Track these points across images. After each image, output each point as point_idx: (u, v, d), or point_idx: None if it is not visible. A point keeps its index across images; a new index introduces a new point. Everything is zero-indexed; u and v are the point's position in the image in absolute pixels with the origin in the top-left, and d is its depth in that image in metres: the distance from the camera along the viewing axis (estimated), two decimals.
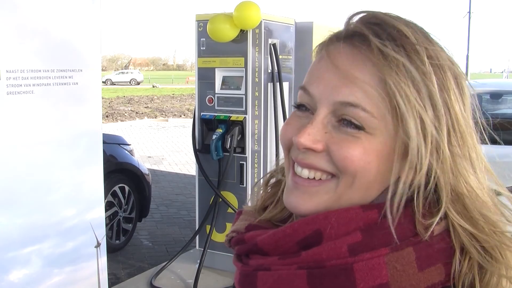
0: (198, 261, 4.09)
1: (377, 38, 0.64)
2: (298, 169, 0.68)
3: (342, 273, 0.61)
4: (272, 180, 0.83)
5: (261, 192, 0.82)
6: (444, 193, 0.64)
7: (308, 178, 0.67)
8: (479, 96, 6.06)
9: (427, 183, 0.64)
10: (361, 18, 0.68)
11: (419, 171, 0.63)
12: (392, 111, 0.63)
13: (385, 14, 0.67)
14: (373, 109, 0.63)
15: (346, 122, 0.65)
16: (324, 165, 0.66)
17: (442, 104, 0.63)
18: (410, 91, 0.62)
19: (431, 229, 0.63)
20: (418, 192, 0.64)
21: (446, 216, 0.65)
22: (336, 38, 0.69)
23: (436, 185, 0.65)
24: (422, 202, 0.64)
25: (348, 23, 0.69)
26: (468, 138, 0.65)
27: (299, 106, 0.70)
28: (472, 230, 0.64)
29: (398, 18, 0.67)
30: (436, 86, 0.63)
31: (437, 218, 0.63)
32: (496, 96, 6.38)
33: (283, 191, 0.77)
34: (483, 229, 0.64)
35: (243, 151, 4.07)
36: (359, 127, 0.64)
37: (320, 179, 0.67)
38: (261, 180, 0.84)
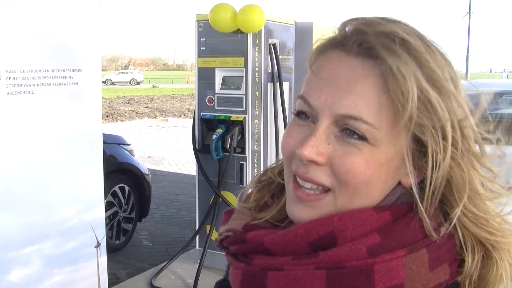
0: (198, 261, 4.09)
1: (378, 47, 0.63)
2: (301, 181, 0.68)
3: (362, 274, 0.62)
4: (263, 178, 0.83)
5: (252, 190, 0.82)
6: (457, 195, 0.64)
7: (310, 189, 0.68)
8: (479, 96, 6.06)
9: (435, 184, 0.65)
10: (357, 25, 0.66)
11: (436, 171, 0.63)
12: (395, 120, 0.63)
13: (383, 20, 0.65)
14: (374, 121, 0.63)
15: (349, 131, 0.64)
16: (324, 179, 0.66)
17: (447, 110, 0.63)
18: (418, 98, 0.62)
19: (442, 231, 0.65)
20: (426, 193, 0.65)
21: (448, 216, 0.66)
22: (333, 46, 0.68)
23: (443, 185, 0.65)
24: (429, 204, 0.65)
25: (343, 29, 0.67)
26: (472, 143, 0.65)
27: (299, 114, 0.70)
28: (476, 230, 0.65)
29: (396, 24, 0.65)
30: (440, 94, 0.63)
31: (453, 221, 0.65)
32: (496, 96, 6.38)
33: (279, 191, 0.78)
34: (488, 227, 0.65)
35: (243, 151, 4.07)
36: (362, 138, 0.64)
37: (320, 193, 0.67)
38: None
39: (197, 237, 4.45)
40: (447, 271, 0.65)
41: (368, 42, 0.64)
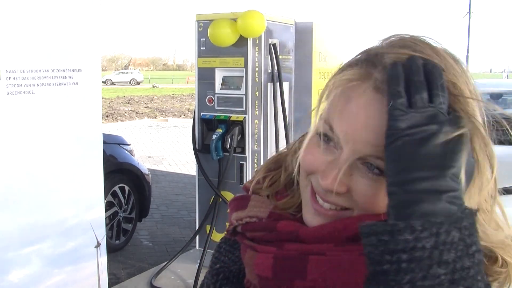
0: (198, 261, 4.09)
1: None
2: (320, 201, 0.71)
3: None
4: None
5: (259, 176, 0.83)
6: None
7: (329, 208, 0.70)
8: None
9: None
10: (387, 58, 0.65)
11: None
12: None
13: (423, 56, 0.64)
14: None
15: (370, 165, 0.66)
16: (344, 202, 0.69)
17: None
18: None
19: None
20: None
21: None
22: (366, 77, 0.66)
23: None
24: None
25: (380, 60, 0.66)
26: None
27: (320, 135, 0.70)
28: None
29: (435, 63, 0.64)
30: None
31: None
32: (496, 96, 6.39)
33: (292, 181, 0.79)
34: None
35: (243, 151, 4.07)
36: (382, 172, 0.65)
37: (338, 210, 0.70)
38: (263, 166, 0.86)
39: (197, 237, 4.45)
40: None
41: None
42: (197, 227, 4.41)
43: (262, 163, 4.26)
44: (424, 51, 0.65)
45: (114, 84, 47.19)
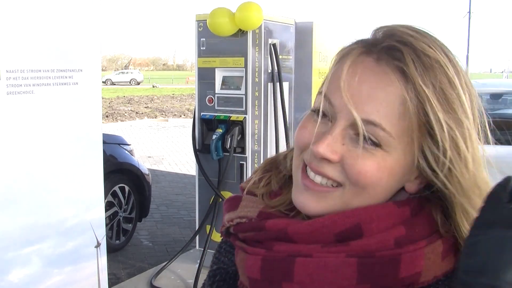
0: (198, 261, 4.09)
1: (407, 60, 0.66)
2: (311, 174, 0.70)
3: (391, 263, 0.66)
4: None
5: (255, 177, 0.83)
6: (464, 198, 0.68)
7: (320, 182, 0.70)
8: (479, 96, 6.06)
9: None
10: (389, 33, 0.69)
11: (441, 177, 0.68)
12: (410, 131, 0.66)
13: (414, 32, 0.68)
14: (392, 129, 0.66)
15: (364, 137, 0.67)
16: (336, 174, 0.69)
17: (457, 134, 0.66)
18: (442, 114, 0.65)
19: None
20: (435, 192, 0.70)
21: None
22: (363, 49, 0.70)
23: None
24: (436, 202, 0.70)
25: (375, 35, 0.70)
26: (476, 145, 0.69)
27: (317, 111, 0.71)
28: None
29: (427, 39, 0.68)
30: (463, 111, 0.67)
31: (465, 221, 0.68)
32: (496, 96, 6.39)
33: (287, 181, 0.79)
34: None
35: (243, 151, 4.07)
36: (376, 144, 0.67)
37: (328, 186, 0.70)
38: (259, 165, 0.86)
39: (197, 237, 4.45)
40: (453, 260, 0.69)
41: (397, 53, 0.67)
42: (197, 227, 4.41)
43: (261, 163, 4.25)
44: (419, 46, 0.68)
45: (114, 84, 47.19)
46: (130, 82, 48.64)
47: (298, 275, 0.67)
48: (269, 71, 4.09)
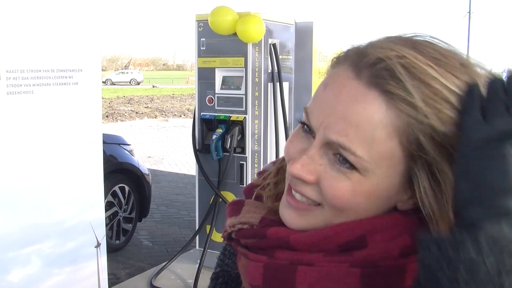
0: (198, 261, 4.09)
1: (388, 82, 0.60)
2: (293, 191, 0.69)
3: (395, 273, 0.64)
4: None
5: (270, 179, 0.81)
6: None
7: (300, 200, 0.68)
8: None
9: None
10: (376, 47, 0.63)
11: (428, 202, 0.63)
12: (391, 155, 0.62)
13: (405, 44, 0.63)
14: (364, 154, 0.62)
15: (342, 158, 0.64)
16: (313, 194, 0.67)
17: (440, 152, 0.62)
18: (427, 144, 0.61)
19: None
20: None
21: None
22: (350, 67, 0.64)
23: None
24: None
25: (364, 52, 0.64)
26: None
27: (303, 124, 0.69)
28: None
29: (419, 52, 0.62)
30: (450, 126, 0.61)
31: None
32: None
33: None
34: None
35: (243, 151, 4.07)
36: (353, 167, 0.63)
37: (309, 204, 0.68)
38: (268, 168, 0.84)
39: (197, 237, 4.45)
40: None
41: (379, 71, 0.61)
42: (197, 227, 4.41)
43: (262, 163, 4.24)
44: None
45: (114, 84, 47.19)
46: (130, 82, 48.64)
47: (300, 284, 0.66)
48: (269, 71, 4.09)
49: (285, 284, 0.67)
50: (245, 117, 4.03)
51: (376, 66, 0.61)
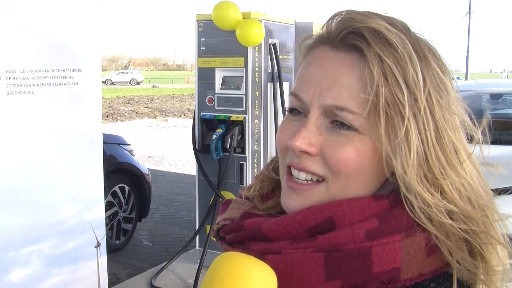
0: (198, 261, 4.09)
1: (360, 42, 0.65)
2: (295, 172, 0.70)
3: (360, 257, 0.63)
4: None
5: (259, 179, 0.83)
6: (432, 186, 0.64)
7: (304, 179, 0.69)
8: (479, 96, 6.06)
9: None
10: (341, 21, 0.68)
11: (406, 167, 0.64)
12: (378, 112, 0.64)
13: (368, 14, 0.67)
14: (360, 110, 0.65)
15: (338, 123, 0.66)
16: (317, 168, 0.68)
17: (427, 107, 0.64)
18: (399, 96, 0.63)
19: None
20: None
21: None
22: (321, 41, 0.70)
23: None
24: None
25: (329, 26, 0.70)
26: (450, 133, 0.65)
27: (292, 110, 0.72)
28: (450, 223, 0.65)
29: (380, 18, 0.67)
30: (423, 89, 0.64)
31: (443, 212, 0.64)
32: (496, 96, 6.38)
33: (279, 185, 0.78)
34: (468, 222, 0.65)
35: (243, 151, 4.07)
36: (351, 128, 0.65)
37: (313, 181, 0.69)
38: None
39: (197, 237, 4.45)
40: (443, 258, 0.65)
41: (350, 37, 0.66)
42: (197, 227, 4.41)
43: (262, 163, 4.25)
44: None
45: (114, 84, 47.18)
46: (130, 82, 48.63)
47: None
48: (269, 71, 4.09)
49: None
50: (245, 117, 4.03)
51: (347, 35, 0.67)
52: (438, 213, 0.63)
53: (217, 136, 4.03)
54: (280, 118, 4.17)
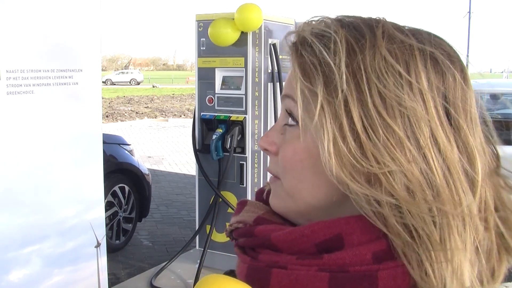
0: (198, 261, 4.09)
1: (302, 47, 0.65)
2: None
3: (366, 280, 0.60)
4: None
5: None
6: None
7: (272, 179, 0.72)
8: (479, 96, 6.05)
9: None
10: (307, 27, 0.69)
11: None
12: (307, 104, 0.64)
13: (322, 20, 0.67)
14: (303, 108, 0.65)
15: (289, 115, 0.67)
16: (273, 167, 0.70)
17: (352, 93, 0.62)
18: (313, 82, 0.64)
19: None
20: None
21: None
22: (291, 52, 0.71)
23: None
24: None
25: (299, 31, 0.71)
26: (389, 119, 0.61)
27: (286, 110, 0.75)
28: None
29: (331, 23, 0.67)
30: (346, 75, 0.63)
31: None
32: (496, 96, 6.39)
33: None
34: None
35: (243, 151, 4.07)
36: (295, 120, 0.66)
37: (275, 180, 0.71)
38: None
39: (197, 237, 4.45)
40: None
41: (301, 43, 0.67)
42: (197, 227, 4.41)
43: (262, 163, 4.24)
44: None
45: (114, 84, 47.19)
46: (130, 82, 48.64)
47: (273, 287, 0.65)
48: (269, 71, 4.09)
49: (262, 286, 0.66)
50: (245, 117, 4.03)
51: (300, 40, 0.67)
52: (375, 203, 0.59)
53: (217, 136, 4.03)
54: None
